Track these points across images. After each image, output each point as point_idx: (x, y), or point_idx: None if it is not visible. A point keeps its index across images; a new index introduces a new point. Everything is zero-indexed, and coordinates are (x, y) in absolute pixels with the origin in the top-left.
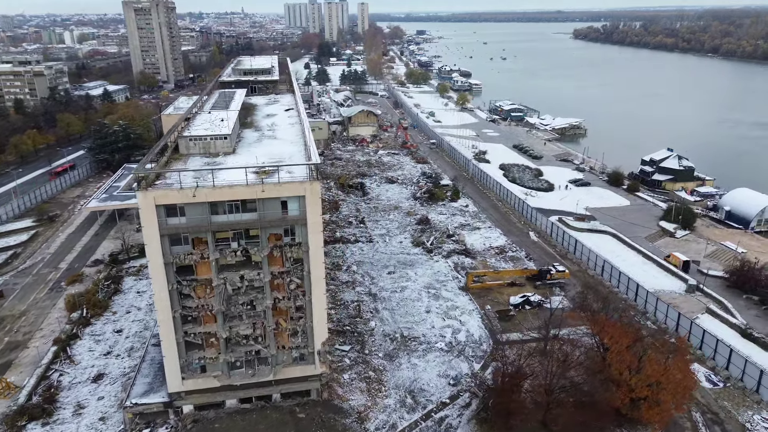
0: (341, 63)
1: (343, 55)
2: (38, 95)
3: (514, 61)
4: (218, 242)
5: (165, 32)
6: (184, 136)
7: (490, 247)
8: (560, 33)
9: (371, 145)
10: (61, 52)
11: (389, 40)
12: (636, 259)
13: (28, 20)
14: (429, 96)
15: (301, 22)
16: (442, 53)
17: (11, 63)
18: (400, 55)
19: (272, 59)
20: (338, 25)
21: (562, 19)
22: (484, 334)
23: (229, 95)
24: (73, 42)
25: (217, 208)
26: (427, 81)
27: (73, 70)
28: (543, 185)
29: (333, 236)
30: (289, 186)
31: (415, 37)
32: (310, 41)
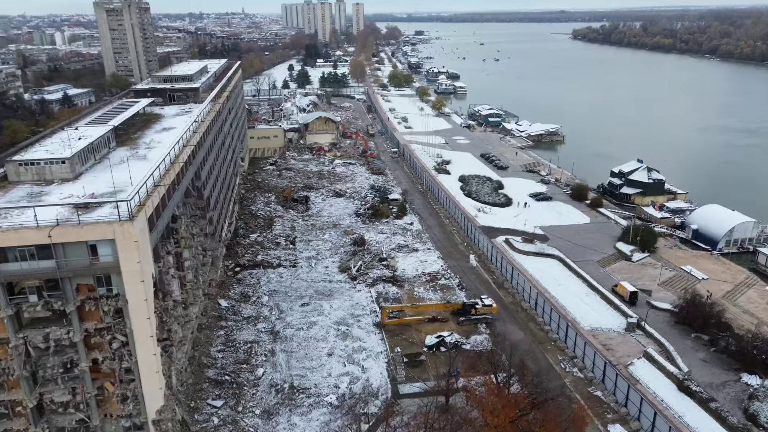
0: (327, 65)
1: (332, 56)
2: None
3: (507, 63)
4: (16, 295)
5: (138, 33)
6: (14, 160)
7: (422, 274)
8: (559, 33)
9: (329, 154)
10: (41, 53)
11: (384, 41)
12: (579, 289)
13: (28, 21)
14: (408, 100)
15: (297, 23)
16: (436, 54)
17: None
18: (391, 57)
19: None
20: (332, 25)
21: (565, 20)
22: (384, 384)
23: (126, 106)
24: (64, 43)
25: (7, 254)
26: (410, 84)
27: (45, 72)
28: (500, 200)
29: (253, 260)
30: (92, 228)
31: (412, 38)
32: (300, 42)
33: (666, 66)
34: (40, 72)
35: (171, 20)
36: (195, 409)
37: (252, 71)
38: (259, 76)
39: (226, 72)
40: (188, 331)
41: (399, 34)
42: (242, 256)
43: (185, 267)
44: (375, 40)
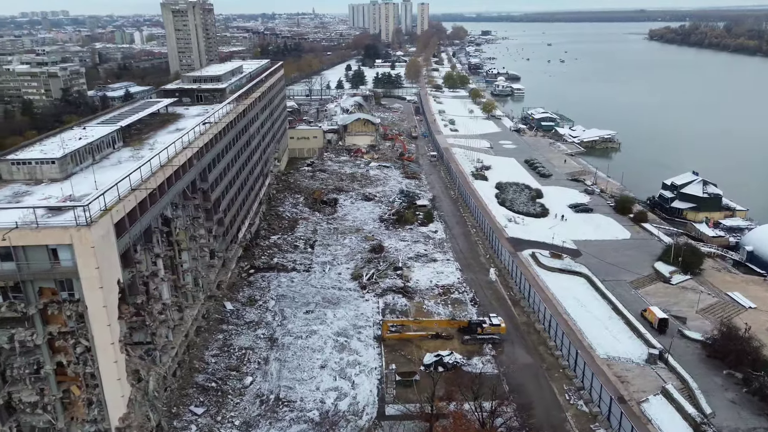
0: (386, 65)
1: (392, 56)
2: (52, 96)
3: (573, 65)
4: None
5: (201, 33)
6: (6, 159)
7: (436, 286)
8: (634, 34)
9: (366, 156)
10: (117, 52)
11: (448, 41)
12: (602, 312)
13: (114, 21)
14: (460, 102)
15: (363, 23)
16: (499, 55)
17: (29, 64)
18: (452, 57)
19: (244, 64)
20: (398, 25)
21: (643, 19)
22: (372, 403)
23: (146, 106)
24: (142, 42)
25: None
26: (465, 85)
27: (115, 70)
28: (536, 210)
29: (268, 262)
30: (50, 233)
31: (477, 38)
32: (361, 42)
33: (748, 70)
34: (111, 69)
35: (245, 20)
36: (176, 415)
37: (310, 71)
38: (317, 76)
39: (263, 72)
40: (181, 334)
41: (464, 34)
42: (258, 258)
43: (181, 270)
44: (438, 40)
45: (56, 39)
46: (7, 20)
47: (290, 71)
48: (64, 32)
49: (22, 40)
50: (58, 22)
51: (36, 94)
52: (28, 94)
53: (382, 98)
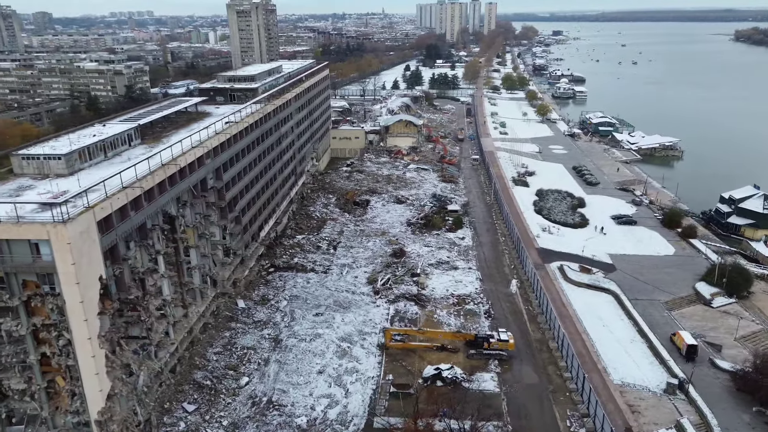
0: (446, 65)
1: (454, 56)
2: (117, 92)
3: (646, 66)
4: None
5: (263, 33)
6: (18, 153)
7: (451, 295)
8: (719, 34)
9: (406, 158)
10: (188, 51)
11: (516, 41)
12: (625, 333)
13: (194, 21)
14: (515, 104)
15: (430, 23)
16: (568, 56)
17: (98, 62)
18: (517, 58)
19: (283, 64)
20: (464, 25)
21: (731, 19)
22: (361, 414)
23: (175, 104)
24: (216, 42)
25: None
26: (524, 87)
27: (183, 68)
28: (575, 220)
29: (288, 262)
30: (29, 228)
31: (546, 39)
32: (424, 42)
33: None
34: (179, 68)
35: (316, 20)
36: (168, 411)
37: (369, 71)
38: (375, 76)
39: (303, 73)
40: (183, 330)
41: (533, 35)
42: (279, 257)
43: (186, 268)
44: (503, 40)
45: (136, 38)
46: (97, 19)
47: (349, 71)
48: (146, 31)
49: (104, 39)
50: (142, 21)
51: (102, 91)
52: (95, 90)
53: (436, 99)
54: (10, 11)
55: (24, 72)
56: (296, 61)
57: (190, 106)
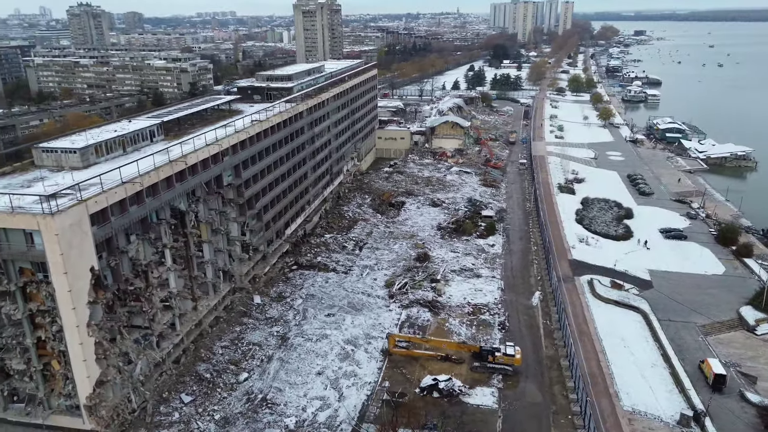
0: (512, 66)
1: (523, 57)
2: (182, 89)
3: (732, 69)
4: None
5: (327, 33)
6: (39, 146)
7: (467, 304)
8: None
9: (450, 160)
10: (260, 50)
11: (592, 41)
12: (647, 357)
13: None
14: (579, 107)
15: (504, 22)
16: (647, 57)
17: (166, 60)
18: (590, 58)
19: (326, 64)
20: (539, 25)
21: None
22: (349, 420)
23: (208, 101)
24: (289, 41)
25: None
26: (591, 89)
27: (251, 66)
28: (618, 231)
29: (312, 260)
30: (22, 218)
31: (626, 39)
32: (492, 42)
33: None
34: (248, 66)
35: (390, 20)
36: (165, 401)
37: (432, 71)
38: (439, 76)
39: (346, 73)
40: (190, 323)
41: (612, 35)
42: (304, 255)
43: (196, 262)
44: (578, 40)
45: (215, 37)
46: (184, 20)
47: (411, 71)
48: (225, 31)
49: (185, 38)
50: (225, 21)
51: (169, 87)
52: (162, 86)
53: (495, 100)
54: (99, 11)
55: (100, 68)
56: (344, 61)
57: (223, 104)
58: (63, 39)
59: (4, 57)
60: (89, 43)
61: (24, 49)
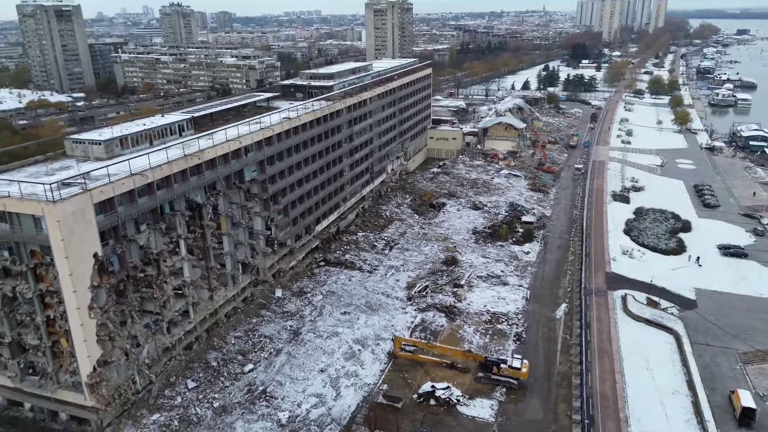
0: (590, 66)
1: (605, 56)
2: (250, 85)
3: None
4: None
5: (397, 32)
6: (69, 137)
7: (486, 312)
8: None
9: (501, 162)
10: (334, 48)
11: (687, 40)
12: (670, 382)
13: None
14: (654, 110)
15: (590, 20)
16: (747, 59)
17: (236, 57)
18: (680, 59)
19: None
20: (624, 23)
21: None
22: (341, 419)
23: (247, 98)
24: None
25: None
26: (673, 91)
27: (322, 64)
28: (669, 245)
29: (339, 258)
30: (29, 204)
31: (726, 38)
32: (572, 41)
33: None
34: (319, 64)
35: (472, 19)
36: (172, 384)
37: (504, 70)
38: (511, 76)
39: (395, 72)
40: (204, 312)
41: (710, 33)
42: (333, 252)
43: (218, 253)
44: (670, 39)
45: (296, 36)
46: (272, 19)
47: (482, 70)
48: (307, 30)
49: (266, 36)
50: (310, 20)
51: (238, 84)
52: (232, 83)
53: (565, 102)
54: (189, 10)
55: (178, 65)
56: (399, 60)
57: (262, 101)
58: (156, 37)
59: (99, 53)
60: (178, 41)
61: (117, 46)
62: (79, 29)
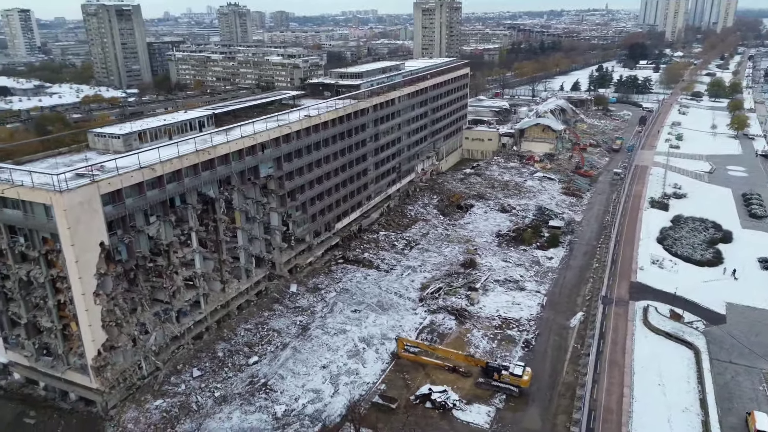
0: (648, 67)
1: (665, 57)
2: (294, 83)
3: None
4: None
5: (444, 31)
6: (92, 131)
7: (498, 317)
8: None
9: (537, 165)
10: (384, 47)
11: (758, 40)
12: (682, 400)
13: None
14: (711, 114)
15: (654, 19)
16: None
17: (282, 56)
18: (748, 60)
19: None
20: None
21: None
22: (334, 417)
23: (270, 96)
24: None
25: (6, 202)
26: (735, 93)
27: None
28: (704, 256)
29: (357, 256)
30: (39, 193)
31: None
32: (632, 41)
33: None
34: (366, 62)
35: (530, 18)
36: (178, 372)
37: (555, 71)
38: (563, 76)
39: (431, 71)
40: (215, 303)
41: None
42: (353, 250)
43: (232, 246)
44: (739, 40)
45: (349, 35)
46: (329, 18)
47: (531, 70)
48: (361, 29)
49: (319, 35)
50: (366, 20)
51: (283, 81)
52: (277, 80)
53: (614, 103)
54: (245, 10)
55: (227, 63)
56: (436, 59)
57: (288, 98)
58: (214, 36)
59: (157, 51)
60: (234, 40)
61: (175, 44)
62: (138, 28)
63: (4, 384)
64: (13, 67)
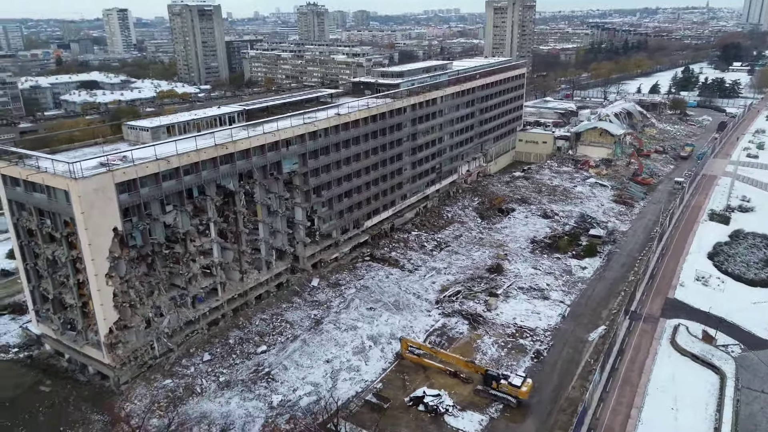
0: (743, 69)
1: (764, 59)
2: None
3: None
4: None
5: (516, 30)
6: (127, 123)
7: (512, 324)
8: None
9: (592, 170)
10: (458, 47)
11: None
12: (695, 426)
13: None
14: None
15: (759, 18)
16: None
17: (346, 55)
18: None
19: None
20: None
21: None
22: (328, 410)
23: (305, 94)
24: None
25: (35, 187)
26: None
27: None
28: (759, 275)
29: (384, 255)
30: (59, 179)
31: None
32: (726, 41)
33: None
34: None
35: (621, 16)
36: (190, 355)
37: (637, 72)
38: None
39: (478, 71)
40: (232, 292)
41: None
42: (381, 248)
43: (246, 238)
44: None
45: (426, 34)
46: (411, 17)
47: (609, 71)
48: (440, 28)
49: (395, 34)
50: (447, 18)
51: (347, 79)
52: (341, 78)
53: (694, 108)
54: (323, 9)
55: (296, 61)
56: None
57: (325, 96)
58: (292, 35)
59: (236, 49)
60: (312, 39)
61: (253, 43)
62: (218, 27)
63: (35, 354)
64: (108, 63)
